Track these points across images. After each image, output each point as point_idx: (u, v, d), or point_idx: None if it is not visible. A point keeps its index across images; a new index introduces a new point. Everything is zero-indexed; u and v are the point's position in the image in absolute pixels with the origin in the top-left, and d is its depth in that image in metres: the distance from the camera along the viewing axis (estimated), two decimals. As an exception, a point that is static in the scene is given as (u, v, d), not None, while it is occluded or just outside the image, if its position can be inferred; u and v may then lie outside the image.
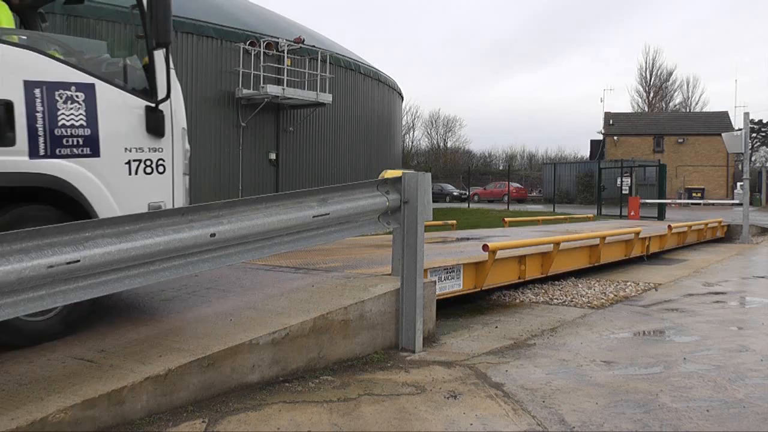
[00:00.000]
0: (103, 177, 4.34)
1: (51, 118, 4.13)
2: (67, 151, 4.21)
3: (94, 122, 4.31)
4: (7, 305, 3.31)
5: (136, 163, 4.52)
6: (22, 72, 4.06)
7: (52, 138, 4.13)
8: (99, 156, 4.34)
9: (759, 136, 54.75)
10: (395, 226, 5.47)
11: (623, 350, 5.52)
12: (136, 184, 4.52)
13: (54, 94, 4.16)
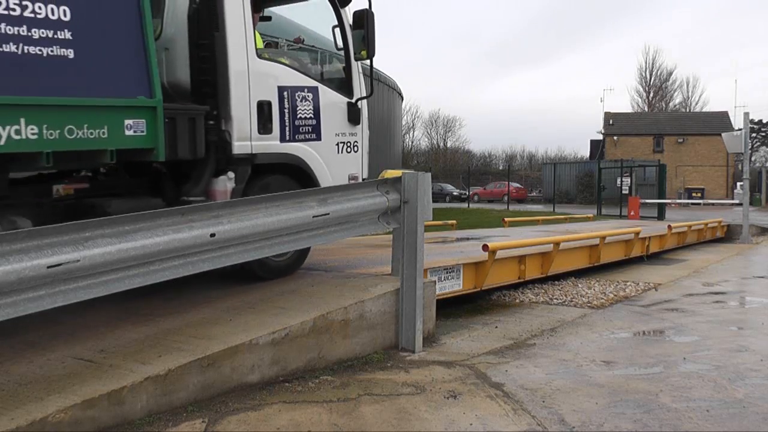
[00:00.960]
0: (322, 155, 5.90)
1: (293, 113, 5.67)
2: (302, 137, 5.76)
3: (317, 115, 5.86)
4: (7, 305, 3.31)
5: (341, 144, 6.12)
6: (275, 80, 5.56)
7: (293, 127, 5.68)
8: (321, 140, 5.90)
9: (759, 136, 54.74)
10: (395, 226, 5.47)
11: (623, 350, 5.52)
12: (341, 160, 6.09)
13: (294, 95, 5.69)
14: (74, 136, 4.21)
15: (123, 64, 4.52)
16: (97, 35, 4.38)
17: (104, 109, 4.37)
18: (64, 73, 4.22)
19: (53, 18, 4.14)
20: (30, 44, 4.03)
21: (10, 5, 3.92)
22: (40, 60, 4.10)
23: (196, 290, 5.39)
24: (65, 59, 4.22)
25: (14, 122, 3.93)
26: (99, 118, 4.33)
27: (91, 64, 4.36)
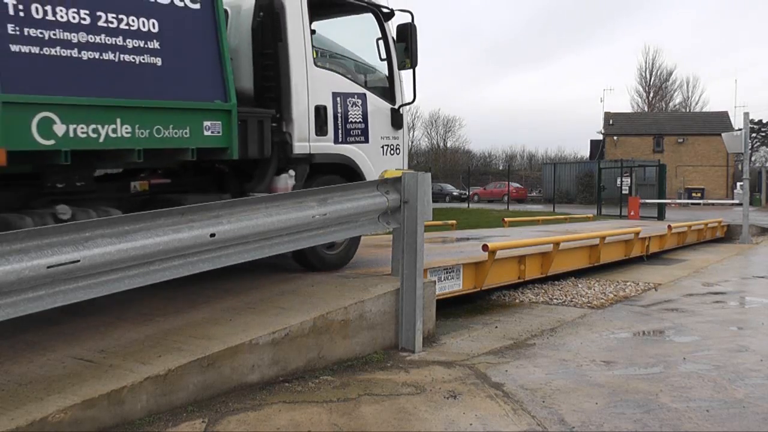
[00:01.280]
0: (369, 156, 6.38)
1: (345, 117, 6.15)
2: (352, 139, 6.24)
3: (365, 119, 6.35)
4: (7, 305, 3.31)
5: (386, 147, 6.62)
6: (330, 87, 6.03)
7: (345, 130, 6.15)
8: (368, 142, 6.40)
9: (759, 136, 54.74)
10: (395, 226, 5.47)
11: (623, 350, 5.52)
12: (385, 162, 6.55)
13: (346, 101, 6.17)
14: (161, 135, 4.73)
15: (202, 70, 5.05)
16: (180, 45, 4.91)
17: (187, 111, 4.88)
18: (153, 78, 4.74)
19: (144, 30, 4.69)
20: (125, 53, 4.58)
21: (109, 18, 4.49)
22: (133, 67, 4.63)
23: (196, 290, 5.39)
24: (154, 66, 4.75)
25: (112, 122, 4.46)
26: (182, 120, 4.84)
27: (175, 70, 4.88)
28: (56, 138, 4.23)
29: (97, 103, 4.41)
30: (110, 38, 4.50)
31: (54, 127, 4.22)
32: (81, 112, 4.33)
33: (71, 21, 4.33)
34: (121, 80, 4.56)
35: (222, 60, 5.10)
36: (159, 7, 4.76)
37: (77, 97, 4.32)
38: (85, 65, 4.40)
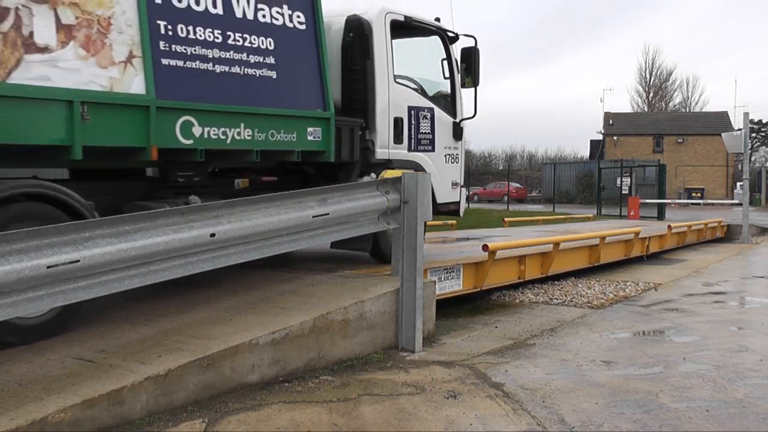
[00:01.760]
0: (435, 163, 7.11)
1: (417, 128, 6.89)
2: (422, 148, 6.99)
3: (433, 131, 7.10)
4: (7, 305, 3.31)
5: (448, 156, 7.34)
6: (405, 101, 6.78)
7: (416, 139, 6.91)
8: (434, 151, 7.13)
9: (759, 136, 54.73)
10: (395, 226, 5.47)
11: (623, 350, 5.52)
12: (447, 169, 7.32)
13: (418, 114, 6.94)
14: (275, 139, 5.53)
15: (307, 83, 5.82)
16: (290, 60, 5.69)
17: (295, 118, 5.68)
18: (269, 89, 5.53)
19: (263, 47, 5.48)
20: (248, 67, 5.36)
21: (236, 37, 5.27)
22: (254, 79, 5.41)
23: (196, 290, 5.39)
24: (270, 78, 5.53)
25: (237, 126, 5.26)
26: (291, 125, 5.64)
27: (286, 82, 5.65)
28: (194, 138, 5.00)
29: (227, 109, 5.19)
30: (237, 54, 5.31)
31: (193, 129, 4.98)
32: (214, 117, 5.10)
33: (207, 39, 5.10)
34: (244, 90, 5.34)
35: (322, 74, 5.91)
36: (274, 28, 5.56)
37: (211, 103, 5.09)
38: (218, 77, 5.17)
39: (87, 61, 4.44)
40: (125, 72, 4.63)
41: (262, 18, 5.48)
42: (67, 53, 4.35)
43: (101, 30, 4.52)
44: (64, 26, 4.33)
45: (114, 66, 4.58)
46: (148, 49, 4.72)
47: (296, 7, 5.72)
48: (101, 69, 4.51)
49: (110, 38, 4.56)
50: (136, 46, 4.69)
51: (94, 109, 4.40)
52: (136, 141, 4.70)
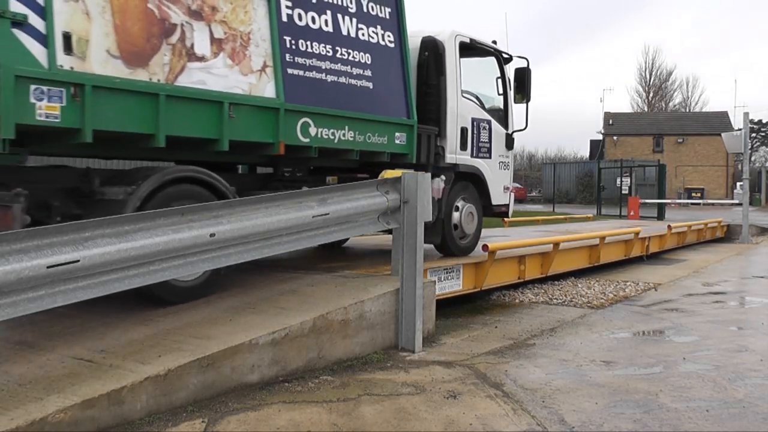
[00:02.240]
0: (491, 169, 8.01)
1: (477, 137, 7.77)
2: (481, 155, 7.85)
3: (490, 140, 7.99)
4: (7, 305, 3.31)
5: (501, 163, 8.26)
6: (469, 113, 7.66)
7: (477, 147, 7.77)
8: (491, 158, 8.03)
9: (759, 136, 54.74)
10: (395, 226, 5.47)
11: (623, 350, 5.52)
12: (501, 175, 8.25)
13: (479, 125, 7.82)
14: (371, 141, 6.35)
15: (395, 93, 6.67)
16: (382, 73, 6.52)
17: (386, 124, 6.51)
18: (367, 98, 6.35)
19: (362, 61, 6.32)
20: (351, 78, 6.20)
21: (342, 52, 6.11)
22: (356, 88, 6.25)
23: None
24: (368, 89, 6.37)
25: (343, 128, 6.07)
26: (383, 130, 6.48)
27: (379, 92, 6.49)
28: (310, 137, 5.80)
29: (336, 113, 5.99)
30: (343, 66, 6.13)
31: (309, 129, 5.79)
32: (326, 119, 5.89)
33: (320, 53, 5.91)
34: (348, 98, 6.16)
35: (407, 86, 6.76)
36: (371, 45, 6.42)
37: (324, 108, 5.87)
38: (328, 85, 5.97)
39: (232, 69, 5.27)
40: (260, 79, 5.45)
41: (361, 36, 6.37)
42: (218, 62, 5.16)
43: (243, 43, 5.35)
44: (216, 40, 5.16)
45: (252, 74, 5.40)
46: (278, 59, 5.53)
47: (387, 27, 6.65)
48: (243, 76, 5.33)
49: (249, 50, 5.38)
50: (268, 57, 5.50)
51: (237, 109, 5.20)
52: (268, 137, 5.49)
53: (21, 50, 4.09)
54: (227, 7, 5.24)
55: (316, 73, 5.91)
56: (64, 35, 4.29)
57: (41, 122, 4.14)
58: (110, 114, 4.49)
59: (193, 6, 5.01)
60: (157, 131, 4.72)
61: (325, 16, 6.02)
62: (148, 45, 4.75)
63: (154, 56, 4.77)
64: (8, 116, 3.97)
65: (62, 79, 4.21)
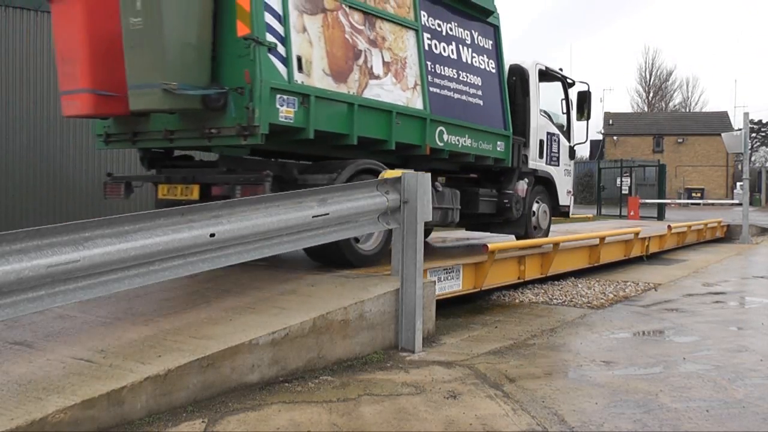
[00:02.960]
0: (558, 175, 9.66)
1: (550, 148, 9.45)
2: (553, 163, 9.55)
3: (558, 150, 9.66)
4: (7, 305, 3.31)
5: (566, 170, 9.92)
6: (544, 128, 9.34)
7: (550, 156, 9.45)
8: (559, 166, 9.70)
9: (759, 136, 54.74)
10: (395, 227, 5.47)
11: (623, 350, 5.52)
12: (565, 180, 9.92)
13: (551, 137, 9.51)
14: (481, 147, 7.87)
15: (497, 109, 8.25)
16: (488, 93, 8.07)
17: (492, 134, 8.09)
18: (479, 112, 7.87)
19: (476, 83, 7.88)
20: (469, 96, 7.75)
21: (462, 75, 7.65)
22: (471, 105, 7.77)
23: (196, 290, 5.39)
24: (479, 105, 7.91)
25: (464, 136, 7.58)
26: (490, 139, 8.04)
27: (487, 108, 8.02)
28: (444, 142, 7.28)
29: (460, 124, 7.51)
30: (463, 87, 7.66)
31: (444, 135, 7.25)
32: (453, 128, 7.39)
33: (449, 75, 7.46)
34: (467, 112, 7.67)
35: (504, 104, 8.34)
36: (481, 70, 7.99)
37: (453, 119, 7.39)
38: (454, 101, 7.50)
39: (396, 86, 6.69)
40: (413, 94, 6.90)
41: (474, 63, 7.91)
42: (387, 80, 6.60)
43: (402, 66, 6.79)
44: (385, 62, 6.61)
45: (408, 90, 6.84)
46: (423, 79, 7.00)
47: (490, 56, 8.26)
48: (402, 91, 6.77)
49: (406, 71, 6.84)
50: (417, 77, 6.97)
51: (400, 117, 6.63)
52: (418, 141, 6.93)
53: (272, 69, 5.43)
54: (391, 38, 6.68)
55: (447, 91, 7.42)
56: (297, 58, 5.66)
57: (281, 122, 5.51)
58: (324, 117, 5.89)
59: (371, 36, 6.44)
60: (351, 132, 6.16)
61: (452, 46, 7.56)
62: (346, 66, 6.18)
63: (349, 74, 6.20)
64: (265, 117, 5.32)
65: (296, 91, 5.61)
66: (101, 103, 5.71)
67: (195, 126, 5.68)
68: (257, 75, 5.29)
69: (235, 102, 5.37)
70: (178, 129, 5.85)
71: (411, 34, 6.90)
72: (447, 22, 7.54)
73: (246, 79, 5.29)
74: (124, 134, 6.40)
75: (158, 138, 6.08)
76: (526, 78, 9.01)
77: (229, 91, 5.39)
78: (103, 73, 5.66)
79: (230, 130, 5.43)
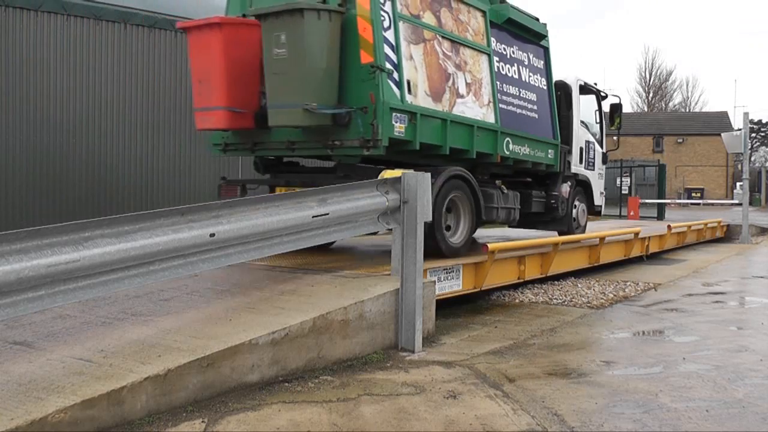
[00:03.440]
0: (594, 179, 10.82)
1: (587, 154, 10.59)
2: (590, 168, 10.70)
3: (594, 156, 10.87)
4: (7, 305, 3.31)
5: (599, 174, 11.14)
6: (584, 137, 10.51)
7: (588, 162, 10.59)
8: (594, 170, 10.89)
9: (758, 136, 54.70)
10: (395, 226, 5.47)
11: (623, 350, 5.52)
12: (599, 183, 11.13)
13: (588, 145, 10.65)
14: (537, 155, 8.97)
15: (547, 122, 9.34)
16: (541, 107, 9.20)
17: (545, 143, 9.19)
18: (534, 124, 8.96)
19: (531, 99, 8.99)
20: (527, 111, 8.87)
21: (523, 92, 8.75)
22: (528, 118, 8.88)
23: (196, 290, 5.39)
24: (535, 118, 9.01)
25: (524, 145, 8.63)
26: (543, 147, 9.13)
27: (540, 121, 9.13)
28: (510, 151, 8.32)
29: (522, 135, 8.58)
30: (523, 102, 8.79)
31: (510, 145, 8.32)
32: (517, 139, 8.44)
33: (512, 92, 8.57)
34: (526, 124, 8.77)
35: (553, 116, 9.47)
36: (535, 87, 9.13)
37: (516, 131, 8.44)
38: (516, 115, 8.59)
39: (475, 103, 7.74)
40: (487, 110, 7.96)
41: (530, 81, 9.03)
42: (469, 99, 7.64)
43: (479, 86, 7.84)
44: (467, 83, 7.65)
45: (484, 107, 7.91)
46: (495, 97, 8.07)
47: (542, 74, 9.38)
48: (480, 108, 7.83)
49: (482, 91, 7.87)
50: (490, 95, 8.02)
51: (479, 130, 7.68)
52: (491, 150, 7.98)
53: (391, 92, 6.46)
54: (471, 61, 7.74)
55: (511, 106, 8.47)
56: (407, 81, 6.68)
57: (396, 136, 6.53)
58: (426, 131, 6.92)
59: (457, 61, 7.49)
60: (444, 143, 7.19)
61: (514, 67, 8.67)
62: (441, 87, 7.22)
63: (443, 95, 7.23)
64: (385, 132, 6.37)
65: (407, 109, 6.63)
66: (233, 118, 6.75)
67: (317, 138, 6.71)
68: (380, 97, 6.32)
69: (360, 119, 6.41)
70: (300, 141, 6.87)
71: (485, 58, 7.99)
72: (510, 46, 8.64)
73: (371, 100, 6.34)
74: (243, 144, 7.39)
75: (280, 148, 7.15)
76: (569, 92, 10.20)
77: (355, 110, 6.41)
78: (235, 93, 6.68)
79: (353, 142, 6.48)
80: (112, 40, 11.13)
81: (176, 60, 11.67)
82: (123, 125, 11.25)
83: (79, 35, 10.87)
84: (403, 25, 6.70)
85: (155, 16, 11.19)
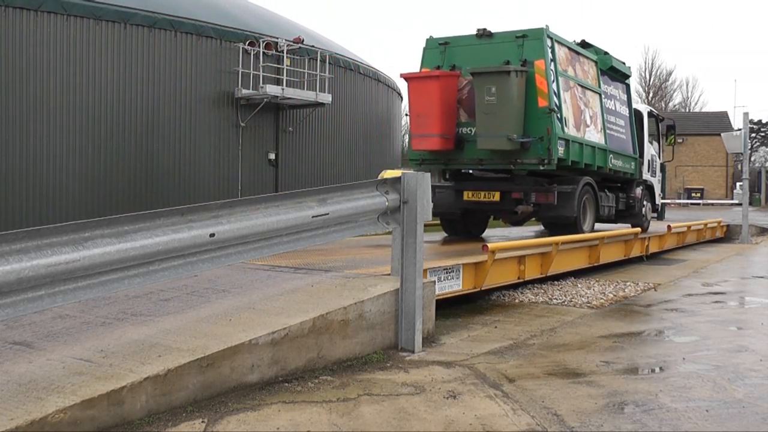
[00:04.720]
0: (656, 184, 14.05)
1: (652, 164, 13.90)
2: (653, 175, 13.93)
3: (656, 167, 14.21)
4: (7, 305, 3.31)
5: (659, 180, 14.34)
6: (651, 151, 13.87)
7: (652, 170, 13.88)
8: (655, 177, 14.08)
9: (758, 136, 54.66)
10: (394, 226, 5.47)
11: (623, 350, 5.52)
12: (658, 187, 14.27)
13: (653, 157, 14.03)
14: (625, 167, 11.84)
15: (630, 140, 12.24)
16: (626, 130, 12.15)
17: (630, 157, 12.09)
18: (623, 143, 11.90)
19: (621, 123, 12.02)
20: (619, 133, 11.85)
21: (616, 119, 11.84)
22: (621, 139, 11.86)
23: (196, 290, 5.39)
24: (624, 139, 11.99)
25: (619, 160, 11.64)
26: (628, 161, 11.99)
27: (627, 140, 12.09)
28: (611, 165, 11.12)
29: (618, 152, 11.47)
30: (617, 127, 11.71)
31: (612, 160, 11.17)
32: (616, 156, 11.34)
33: (610, 120, 11.35)
34: (620, 144, 11.66)
35: (634, 136, 12.39)
36: (623, 115, 12.08)
37: (616, 149, 11.32)
38: (615, 138, 11.43)
39: (594, 131, 10.54)
40: (601, 135, 10.82)
41: (620, 110, 12.03)
42: (592, 127, 10.51)
43: (596, 118, 10.69)
44: (590, 116, 10.48)
45: (599, 132, 10.76)
46: (604, 125, 10.95)
47: (626, 105, 12.38)
48: (597, 134, 10.71)
49: (597, 121, 10.72)
50: (601, 124, 10.85)
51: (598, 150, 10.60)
52: (604, 164, 10.85)
53: (557, 126, 9.37)
54: (591, 100, 10.63)
55: (611, 131, 11.28)
56: (564, 117, 9.58)
57: (559, 156, 9.40)
58: (573, 152, 9.81)
59: (585, 100, 10.36)
60: (581, 160, 10.04)
61: (612, 101, 11.64)
62: (578, 120, 10.07)
63: (579, 126, 10.03)
64: (555, 154, 9.32)
65: (565, 138, 9.55)
66: (442, 142, 9.68)
67: (501, 157, 9.62)
68: (554, 130, 9.30)
69: (539, 145, 9.32)
70: (488, 158, 9.75)
71: (597, 96, 10.89)
72: (609, 86, 11.63)
73: (547, 132, 9.27)
74: (437, 160, 10.16)
75: (470, 163, 10.10)
76: (641, 117, 13.20)
77: (535, 138, 9.32)
78: (444, 124, 9.66)
79: (531, 160, 9.44)
80: (112, 40, 11.13)
81: (175, 60, 11.70)
82: (123, 124, 11.27)
83: (79, 35, 10.86)
84: (560, 79, 9.63)
85: (155, 16, 11.19)
